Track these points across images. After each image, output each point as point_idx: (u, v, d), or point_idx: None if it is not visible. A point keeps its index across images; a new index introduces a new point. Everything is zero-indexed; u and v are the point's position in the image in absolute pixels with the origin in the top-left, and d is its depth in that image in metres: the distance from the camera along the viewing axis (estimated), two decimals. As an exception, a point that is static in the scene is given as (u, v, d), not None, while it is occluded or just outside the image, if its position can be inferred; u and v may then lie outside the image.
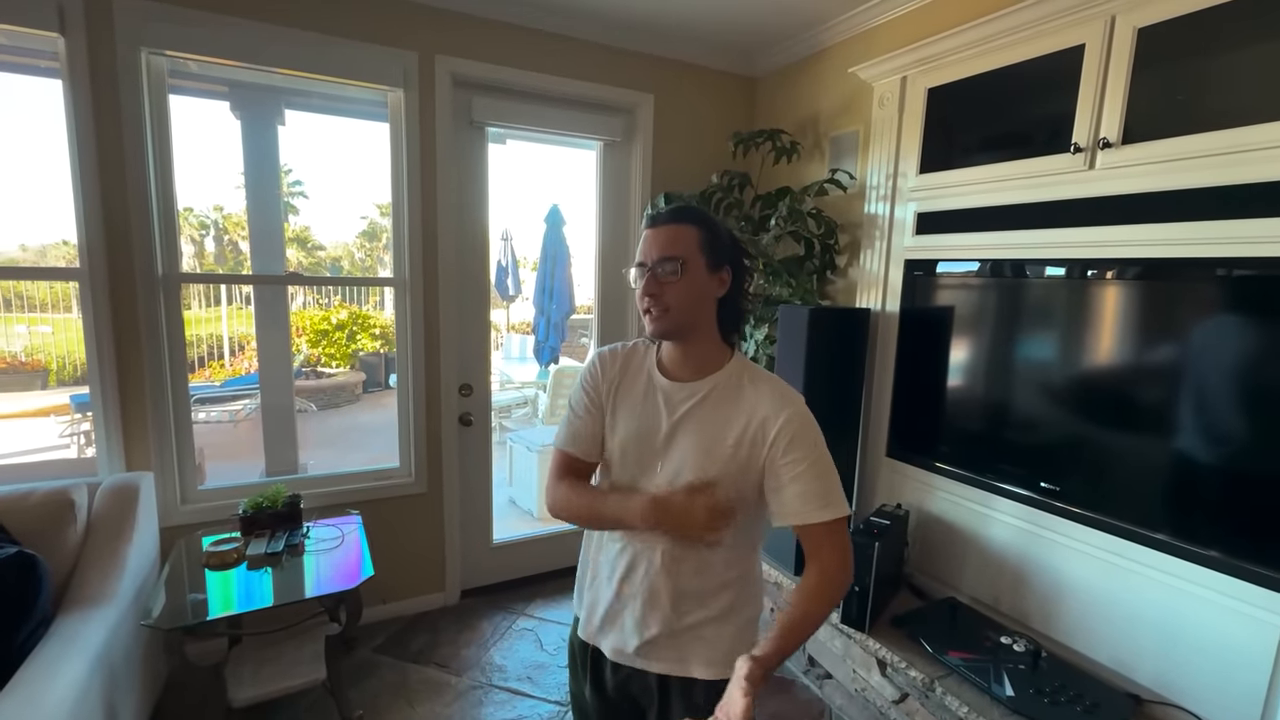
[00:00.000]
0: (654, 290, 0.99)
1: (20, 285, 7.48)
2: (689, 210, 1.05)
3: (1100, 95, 1.60)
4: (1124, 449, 1.64)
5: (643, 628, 1.05)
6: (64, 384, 6.72)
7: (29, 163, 8.95)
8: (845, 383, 2.26)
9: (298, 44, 2.12)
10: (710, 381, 1.04)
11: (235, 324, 8.16)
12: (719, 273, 1.03)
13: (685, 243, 1.00)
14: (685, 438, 1.02)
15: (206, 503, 2.21)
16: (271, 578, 1.84)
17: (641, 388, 1.08)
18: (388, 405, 7.01)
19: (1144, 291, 1.59)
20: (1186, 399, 1.51)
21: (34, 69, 2.13)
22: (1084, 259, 1.68)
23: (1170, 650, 1.53)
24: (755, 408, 1.00)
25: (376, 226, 15.85)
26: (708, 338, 1.05)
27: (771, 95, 2.90)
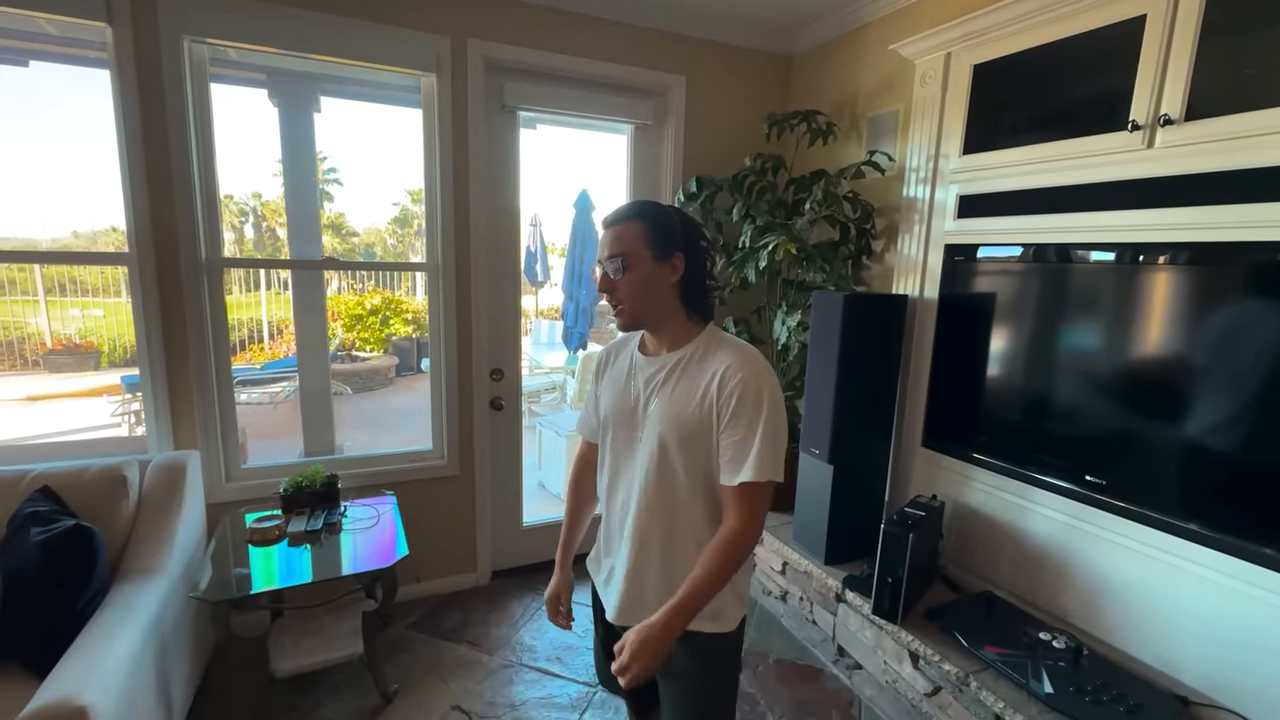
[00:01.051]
0: (607, 287, 1.09)
1: (73, 270, 7.81)
2: (633, 207, 1.11)
3: (1162, 69, 1.52)
4: (1176, 442, 1.57)
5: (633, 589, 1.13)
6: (115, 365, 7.01)
7: (79, 151, 9.30)
8: (880, 371, 2.21)
9: (334, 29, 2.13)
10: (678, 354, 1.12)
11: (274, 309, 8.38)
12: (669, 260, 1.08)
13: (628, 239, 1.07)
14: (656, 406, 1.10)
15: (249, 481, 2.28)
16: (311, 555, 1.89)
17: (625, 367, 1.19)
18: (419, 389, 7.14)
19: (1202, 277, 1.51)
20: (1245, 391, 1.43)
21: (82, 59, 2.20)
22: (1138, 243, 1.61)
23: (1221, 652, 1.47)
24: (715, 371, 1.06)
25: (408, 213, 16.05)
26: (673, 320, 1.12)
27: (807, 75, 2.82)
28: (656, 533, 1.12)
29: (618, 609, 1.16)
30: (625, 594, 1.15)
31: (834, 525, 2.18)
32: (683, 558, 1.10)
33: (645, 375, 1.14)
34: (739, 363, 1.06)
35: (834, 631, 2.17)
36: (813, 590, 2.26)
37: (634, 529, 1.13)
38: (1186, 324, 1.55)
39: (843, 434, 2.13)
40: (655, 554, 1.12)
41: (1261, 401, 1.40)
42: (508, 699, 2.02)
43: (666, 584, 1.09)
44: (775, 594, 2.49)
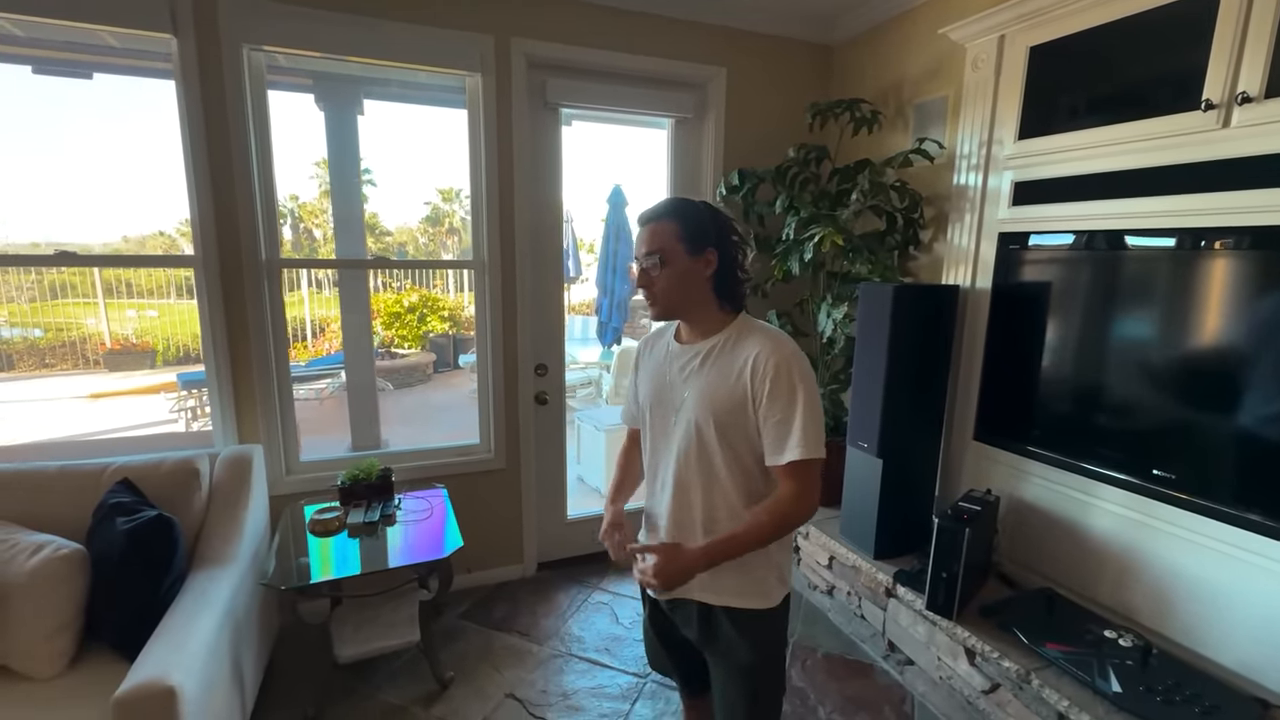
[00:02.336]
0: (645, 282, 1.15)
1: (125, 273, 8.14)
2: (666, 205, 1.16)
3: (1239, 44, 1.45)
4: (1250, 433, 1.50)
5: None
6: (169, 363, 7.32)
7: (127, 160, 9.68)
8: (930, 363, 2.17)
9: (383, 33, 2.18)
10: (711, 341, 1.17)
11: (315, 308, 8.63)
12: (703, 255, 1.14)
13: (664, 236, 1.12)
14: (692, 389, 1.16)
15: (306, 474, 2.36)
16: (371, 545, 1.95)
17: (662, 356, 1.25)
18: (457, 385, 7.28)
19: (1277, 261, 1.44)
20: (1334, 381, 1.37)
21: (142, 70, 2.30)
22: (1208, 227, 1.54)
23: (1305, 653, 1.41)
24: (748, 355, 1.12)
25: (439, 211, 16.28)
26: (706, 310, 1.18)
27: (849, 63, 2.77)
28: (694, 510, 1.17)
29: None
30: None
31: (883, 519, 2.15)
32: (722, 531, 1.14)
33: (681, 362, 1.20)
34: (770, 347, 1.11)
35: (884, 627, 2.15)
36: (861, 585, 2.24)
37: (672, 507, 1.19)
38: (1258, 310, 1.48)
39: (892, 427, 2.09)
40: (695, 531, 1.17)
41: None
42: (559, 688, 2.06)
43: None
44: (822, 588, 2.47)
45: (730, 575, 1.14)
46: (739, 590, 1.16)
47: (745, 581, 1.16)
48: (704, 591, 1.17)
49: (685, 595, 1.17)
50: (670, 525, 1.20)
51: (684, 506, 1.18)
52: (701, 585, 1.15)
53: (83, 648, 1.55)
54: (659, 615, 1.31)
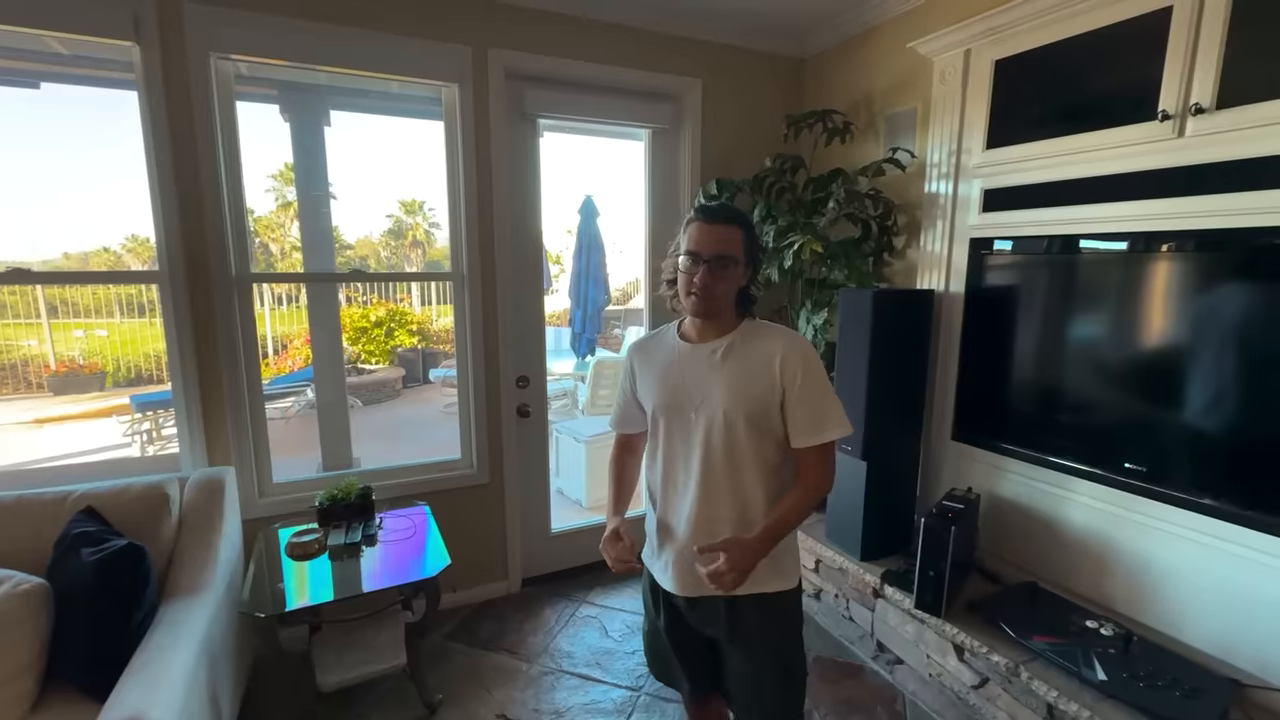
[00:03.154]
0: (706, 279, 1.17)
1: (66, 291, 7.74)
2: (739, 213, 1.24)
3: (1191, 58, 1.54)
4: (1215, 425, 1.58)
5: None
6: (120, 385, 6.98)
7: (69, 174, 9.23)
8: (909, 366, 2.22)
9: (359, 43, 2.14)
10: (728, 339, 1.23)
11: (276, 324, 8.36)
12: (747, 268, 1.23)
13: (734, 243, 1.19)
14: (716, 385, 1.20)
15: (280, 496, 2.28)
16: (351, 567, 1.89)
17: (671, 357, 1.28)
18: (427, 399, 7.13)
19: (1235, 262, 1.53)
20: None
21: (97, 79, 2.21)
22: (1167, 231, 1.63)
23: (1274, 633, 1.48)
24: (770, 351, 1.20)
25: (401, 224, 16.04)
26: (729, 312, 1.26)
27: (821, 75, 2.84)
28: (724, 506, 1.21)
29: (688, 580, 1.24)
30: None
31: (868, 521, 2.18)
32: (748, 520, 1.21)
33: (698, 360, 1.24)
34: (792, 343, 1.21)
35: (872, 627, 2.18)
36: (849, 587, 2.26)
37: (700, 506, 1.22)
38: (1209, 309, 1.57)
39: (875, 430, 2.13)
40: (726, 527, 1.21)
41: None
42: (552, 706, 2.01)
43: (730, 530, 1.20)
44: (809, 592, 2.49)
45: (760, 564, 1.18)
46: (763, 577, 1.20)
47: (768, 567, 1.20)
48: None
49: (708, 591, 1.19)
50: (697, 524, 1.22)
51: (714, 503, 1.22)
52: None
53: (44, 690, 1.45)
54: (675, 620, 1.32)
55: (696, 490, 1.22)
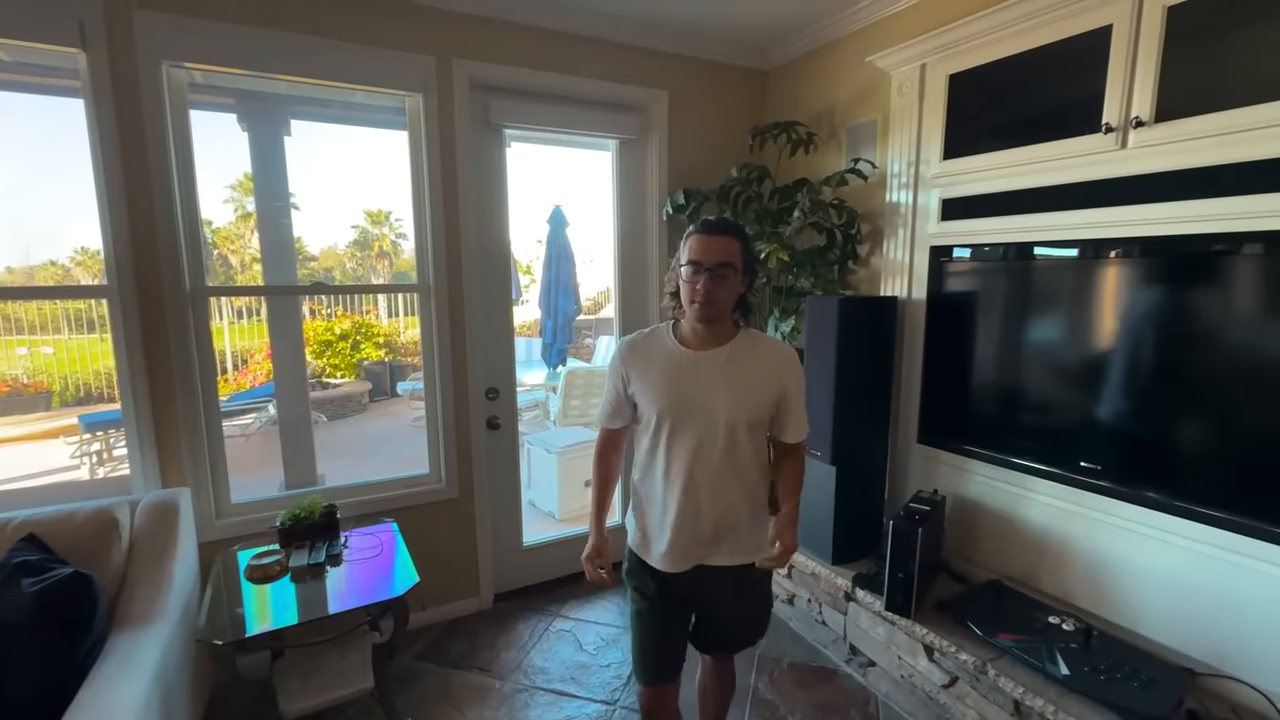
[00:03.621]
0: (710, 286, 1.29)
1: (7, 307, 7.37)
2: (736, 225, 1.36)
3: (1130, 75, 1.62)
4: (1164, 425, 1.65)
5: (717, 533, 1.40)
6: (68, 404, 6.66)
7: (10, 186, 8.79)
8: (875, 371, 2.27)
9: (320, 52, 2.11)
10: (729, 348, 1.37)
11: (236, 339, 8.10)
12: (744, 276, 1.35)
13: (733, 252, 1.31)
14: (721, 391, 1.33)
15: (239, 517, 2.20)
16: (316, 589, 1.83)
17: (669, 359, 1.38)
18: (395, 413, 6.99)
19: (1172, 269, 1.61)
20: (1224, 372, 1.53)
21: (34, 88, 2.11)
22: (1114, 238, 1.70)
23: (1223, 622, 1.55)
24: (768, 359, 1.38)
25: (367, 235, 15.77)
26: (728, 319, 1.39)
27: (784, 88, 2.90)
28: (733, 501, 1.38)
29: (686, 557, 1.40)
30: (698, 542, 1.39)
31: (839, 525, 2.21)
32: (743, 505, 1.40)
33: (703, 366, 1.36)
34: (788, 355, 1.40)
35: (845, 631, 2.20)
36: (821, 591, 2.28)
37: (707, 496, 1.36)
38: (1151, 311, 1.65)
39: (843, 435, 2.17)
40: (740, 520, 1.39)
41: (1241, 381, 1.50)
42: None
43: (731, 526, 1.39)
44: (782, 597, 2.50)
45: (748, 541, 1.41)
46: (752, 550, 1.42)
47: (756, 543, 1.42)
48: (732, 556, 1.41)
49: (712, 562, 1.40)
50: (707, 515, 1.37)
51: (720, 499, 1.37)
52: (727, 552, 1.40)
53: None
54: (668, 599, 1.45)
55: (703, 485, 1.36)
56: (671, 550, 1.39)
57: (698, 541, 1.38)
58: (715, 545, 1.39)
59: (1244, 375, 1.50)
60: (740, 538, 1.40)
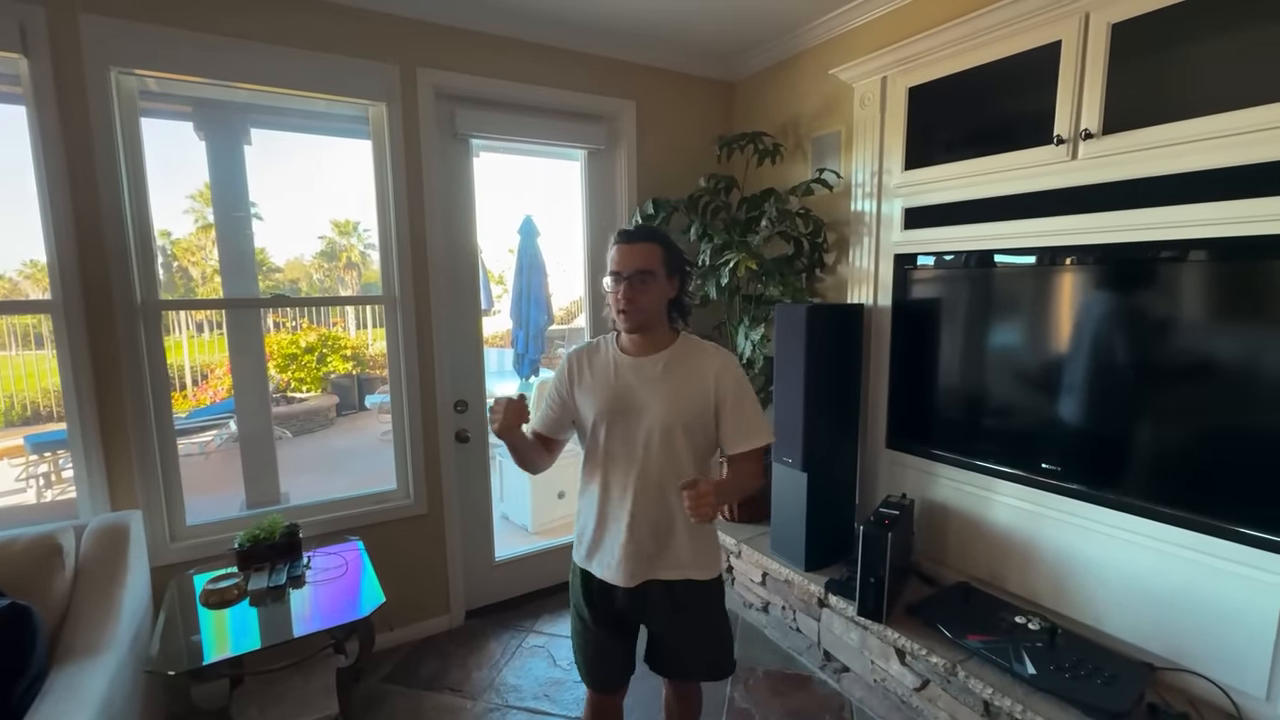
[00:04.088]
0: (630, 295, 1.29)
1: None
2: (654, 231, 1.38)
3: (1079, 88, 1.67)
4: (1119, 426, 1.70)
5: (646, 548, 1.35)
6: (14, 425, 6.35)
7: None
8: (843, 378, 2.29)
9: (279, 60, 2.06)
10: (666, 354, 1.37)
11: (195, 353, 7.84)
12: (672, 280, 1.36)
13: (653, 258, 1.31)
14: (658, 395, 1.32)
15: (195, 539, 2.11)
16: (276, 613, 1.76)
17: (610, 369, 1.38)
18: (363, 427, 6.84)
19: (1125, 273, 1.66)
20: (1173, 374, 1.58)
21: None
22: (1067, 246, 1.75)
23: (1179, 618, 1.59)
24: (705, 367, 1.35)
25: (335, 245, 15.48)
26: (662, 326, 1.39)
27: (750, 99, 2.94)
28: (670, 506, 1.34)
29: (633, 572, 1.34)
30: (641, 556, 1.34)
31: (811, 531, 2.22)
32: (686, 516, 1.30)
33: (640, 372, 1.35)
34: (725, 360, 1.38)
35: (819, 637, 2.20)
36: (795, 598, 2.29)
37: (642, 510, 1.33)
38: (1103, 315, 1.70)
39: (814, 442, 2.18)
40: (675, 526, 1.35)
41: (1186, 382, 1.55)
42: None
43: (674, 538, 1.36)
44: (757, 605, 2.50)
45: (688, 553, 1.37)
46: (694, 565, 1.38)
47: (699, 557, 1.39)
48: (670, 570, 1.37)
49: (653, 576, 1.36)
50: (642, 521, 1.33)
51: (657, 505, 1.34)
52: (667, 564, 1.37)
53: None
54: (609, 614, 1.42)
55: (639, 491, 1.33)
56: (612, 561, 1.36)
57: (639, 554, 1.34)
58: (656, 558, 1.36)
59: (1192, 377, 1.56)
60: (682, 549, 1.36)
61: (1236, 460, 1.49)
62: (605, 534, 1.38)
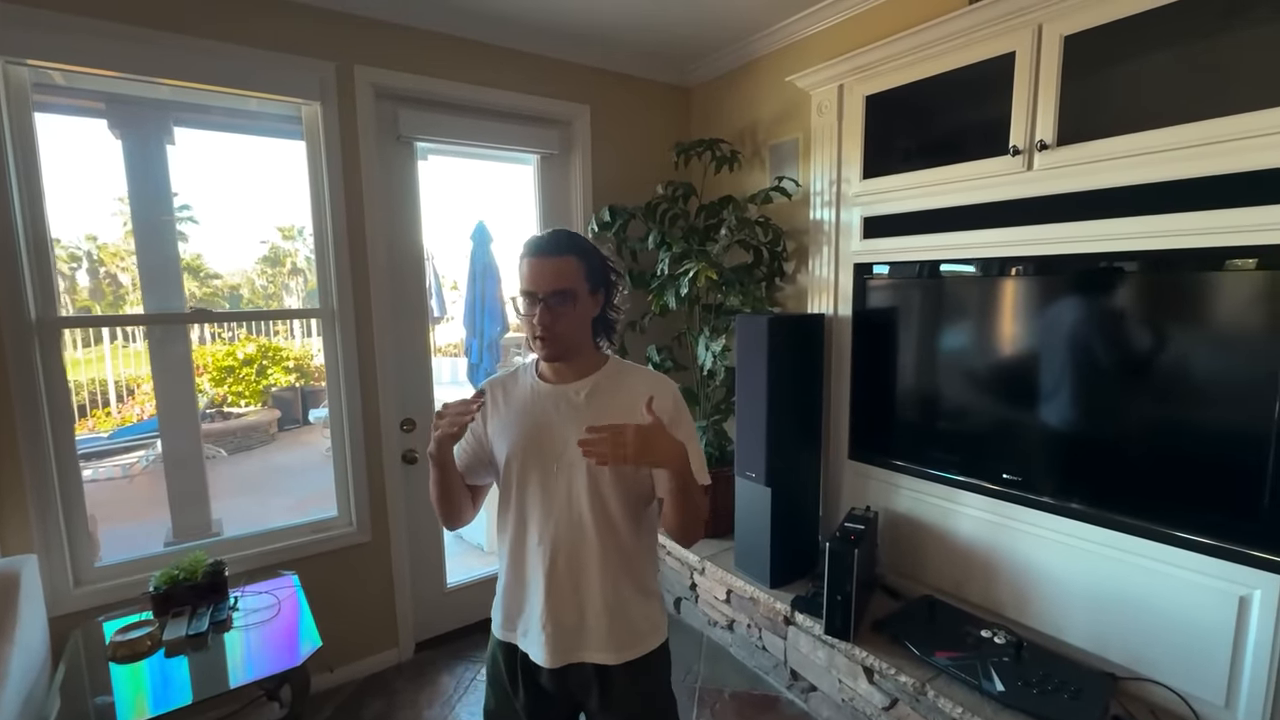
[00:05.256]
0: (546, 320, 1.06)
1: None
2: (571, 240, 1.12)
3: (1034, 100, 1.67)
4: (1076, 435, 1.71)
5: (572, 620, 1.11)
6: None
7: None
8: (805, 389, 2.26)
9: (198, 54, 1.89)
10: (592, 380, 1.14)
11: (121, 365, 7.31)
12: (596, 295, 1.14)
13: (572, 275, 1.08)
14: (576, 428, 1.06)
15: (106, 581, 1.90)
16: (199, 663, 1.59)
17: (526, 398, 1.15)
18: (308, 443, 6.50)
19: (1079, 283, 1.67)
20: (1128, 384, 1.60)
21: None
22: (1025, 256, 1.75)
23: (1140, 627, 1.59)
24: (637, 393, 1.08)
25: (279, 251, 14.83)
26: (587, 348, 1.17)
27: (707, 105, 2.89)
28: (593, 558, 1.11)
29: (556, 648, 1.10)
30: (565, 629, 1.10)
31: (776, 547, 2.17)
32: (620, 578, 1.12)
33: (560, 403, 1.13)
34: (661, 387, 1.15)
35: (785, 656, 2.15)
36: (760, 616, 2.23)
37: (564, 562, 1.10)
38: (1058, 326, 1.71)
39: (777, 455, 2.13)
40: (593, 584, 1.11)
41: (1140, 394, 1.57)
42: (450, 791, 1.80)
43: (607, 607, 1.10)
44: (721, 624, 2.44)
45: (628, 625, 1.13)
46: (634, 638, 1.14)
47: (639, 626, 1.14)
48: (603, 652, 1.11)
49: (581, 659, 1.11)
50: (560, 587, 1.10)
51: (580, 561, 1.10)
52: (599, 645, 1.11)
53: None
54: (539, 697, 1.16)
55: (557, 549, 1.10)
56: (532, 632, 1.12)
57: (563, 625, 1.10)
58: (585, 632, 1.10)
59: (1145, 387, 1.57)
60: (616, 621, 1.11)
61: (1188, 469, 1.51)
62: (525, 599, 1.14)
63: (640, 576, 1.16)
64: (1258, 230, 1.34)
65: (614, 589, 1.11)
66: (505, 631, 1.17)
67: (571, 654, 1.10)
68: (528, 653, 1.13)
